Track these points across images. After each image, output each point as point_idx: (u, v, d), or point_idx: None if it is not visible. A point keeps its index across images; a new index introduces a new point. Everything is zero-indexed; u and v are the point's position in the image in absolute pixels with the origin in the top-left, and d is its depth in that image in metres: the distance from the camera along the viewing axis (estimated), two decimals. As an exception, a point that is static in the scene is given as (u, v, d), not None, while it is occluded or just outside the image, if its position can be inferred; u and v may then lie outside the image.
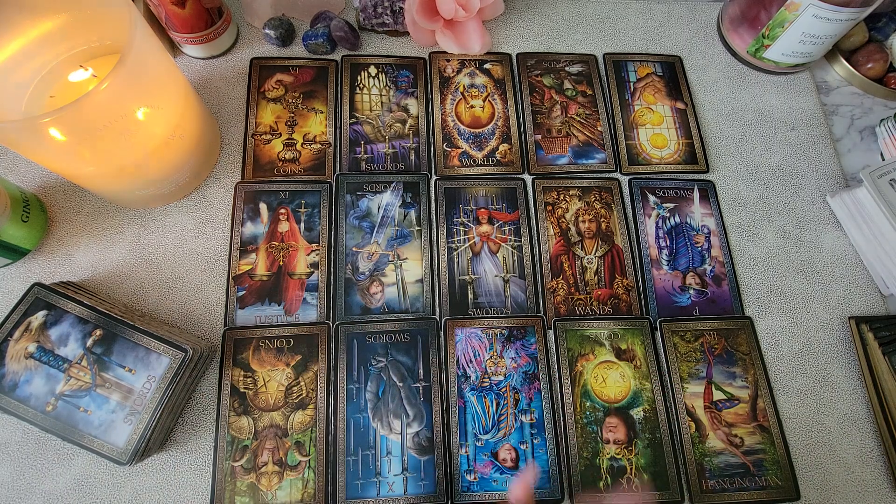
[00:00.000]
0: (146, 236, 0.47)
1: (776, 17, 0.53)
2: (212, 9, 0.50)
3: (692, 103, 0.57)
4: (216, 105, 0.52)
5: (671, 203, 0.52)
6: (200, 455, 0.41)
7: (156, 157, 0.42)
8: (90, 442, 0.37)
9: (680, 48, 0.60)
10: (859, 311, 0.50)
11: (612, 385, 0.45)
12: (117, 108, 0.36)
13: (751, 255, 0.51)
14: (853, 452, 0.45)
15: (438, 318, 0.47)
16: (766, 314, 0.49)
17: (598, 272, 0.49)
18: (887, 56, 0.58)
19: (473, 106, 0.55)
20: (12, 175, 0.48)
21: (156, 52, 0.39)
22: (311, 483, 0.41)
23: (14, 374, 0.37)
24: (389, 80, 0.55)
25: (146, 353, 0.38)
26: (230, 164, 0.50)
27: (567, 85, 0.56)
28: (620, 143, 0.55)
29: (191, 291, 0.46)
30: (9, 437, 0.41)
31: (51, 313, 0.39)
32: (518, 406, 0.44)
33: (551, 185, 0.52)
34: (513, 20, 0.60)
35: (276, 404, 0.43)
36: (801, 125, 0.57)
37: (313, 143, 0.51)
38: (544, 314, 0.47)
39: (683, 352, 0.47)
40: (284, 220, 0.48)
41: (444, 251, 0.49)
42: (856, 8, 0.49)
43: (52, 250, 0.46)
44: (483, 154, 0.53)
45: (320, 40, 0.53)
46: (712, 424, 0.45)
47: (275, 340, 0.44)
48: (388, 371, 0.44)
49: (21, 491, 0.40)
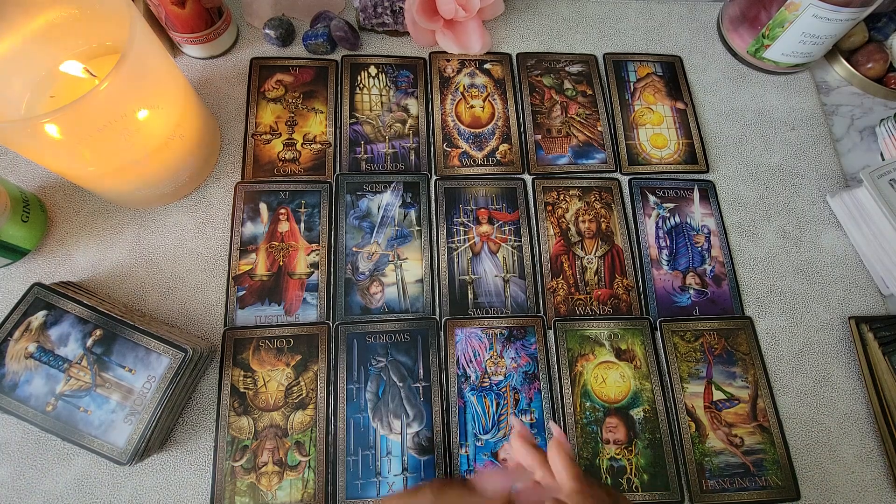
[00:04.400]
0: (146, 236, 0.47)
1: (776, 17, 0.53)
2: (212, 9, 0.50)
3: (692, 103, 0.57)
4: (216, 105, 0.52)
5: (671, 203, 0.52)
6: (200, 455, 0.41)
7: (156, 157, 0.42)
8: (90, 442, 0.37)
9: (680, 48, 0.60)
10: (859, 311, 0.50)
11: (612, 385, 0.45)
12: (117, 108, 0.36)
13: (751, 255, 0.51)
14: (853, 452, 0.45)
15: (438, 318, 0.47)
16: (766, 314, 0.49)
17: (598, 272, 0.49)
18: (887, 56, 0.58)
19: (473, 106, 0.55)
20: (12, 175, 0.48)
21: (156, 52, 0.39)
22: (311, 483, 0.41)
23: (14, 374, 0.37)
24: (389, 80, 0.55)
25: (146, 353, 0.38)
26: (230, 164, 0.50)
27: (567, 85, 0.56)
28: (620, 143, 0.55)
29: (191, 291, 0.46)
30: (9, 437, 0.41)
31: (51, 313, 0.39)
32: (518, 406, 0.44)
33: (551, 185, 0.52)
34: (513, 20, 0.60)
35: (276, 404, 0.43)
36: (801, 125, 0.57)
37: (313, 143, 0.51)
38: (544, 314, 0.47)
39: (683, 352, 0.47)
40: (284, 220, 0.48)
41: (444, 251, 0.49)
42: (856, 8, 0.49)
43: (52, 250, 0.46)
44: (483, 154, 0.53)
45: (320, 40, 0.53)
46: (712, 424, 0.45)
47: (275, 340, 0.44)
48: (388, 371, 0.44)
49: (21, 491, 0.40)
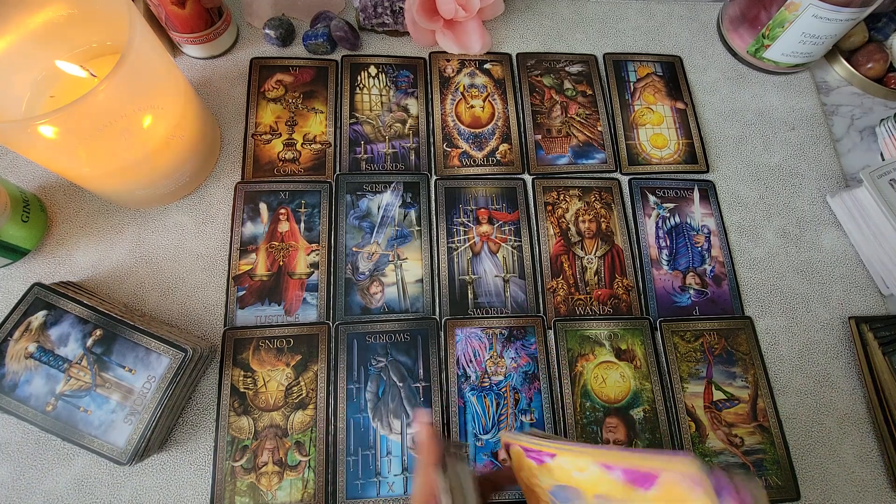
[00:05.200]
0: (146, 236, 0.47)
1: (776, 17, 0.53)
2: (212, 9, 0.50)
3: (692, 103, 0.57)
4: (216, 105, 0.52)
5: (671, 203, 0.52)
6: (200, 455, 0.41)
7: (156, 158, 0.42)
8: (90, 442, 0.37)
9: (680, 48, 0.60)
10: (859, 311, 0.50)
11: (612, 385, 0.45)
12: (117, 108, 0.36)
13: (751, 255, 0.51)
14: (853, 452, 0.45)
15: (438, 318, 0.47)
16: (766, 314, 0.49)
17: (598, 272, 0.49)
18: (887, 56, 0.58)
19: (473, 106, 0.55)
20: (12, 175, 0.48)
21: (156, 52, 0.39)
22: (311, 483, 0.41)
23: (14, 374, 0.37)
24: (389, 80, 0.55)
25: (146, 353, 0.38)
26: (230, 164, 0.50)
27: (567, 85, 0.56)
28: (620, 143, 0.55)
29: (191, 291, 0.46)
30: (9, 437, 0.41)
31: (51, 313, 0.39)
32: (518, 406, 0.44)
33: (551, 185, 0.52)
34: (513, 20, 0.60)
35: (276, 404, 0.43)
36: (801, 125, 0.57)
37: (313, 143, 0.51)
38: (544, 314, 0.47)
39: (683, 352, 0.47)
40: (284, 220, 0.48)
41: (444, 251, 0.49)
42: (856, 8, 0.49)
43: (52, 250, 0.46)
44: (483, 154, 0.53)
45: (320, 40, 0.53)
46: (712, 424, 0.45)
47: (275, 340, 0.44)
48: (388, 371, 0.44)
49: (21, 491, 0.40)
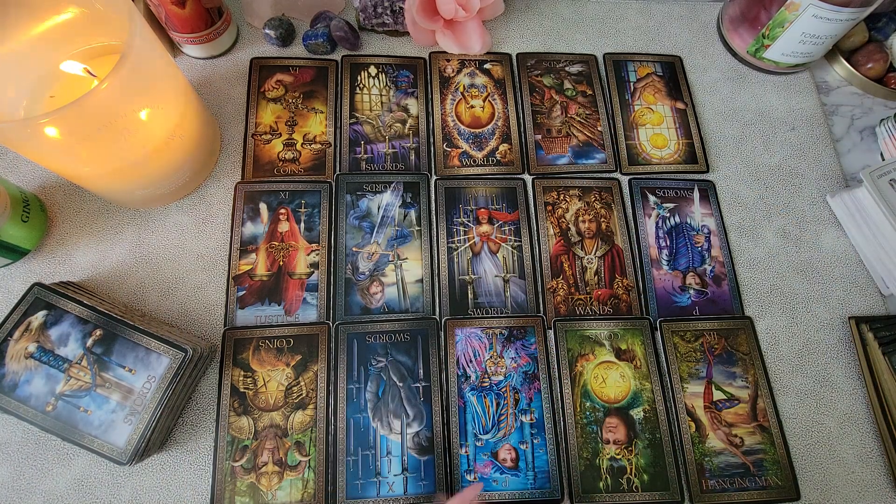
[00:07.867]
0: (146, 236, 0.47)
1: (776, 17, 0.53)
2: (212, 9, 0.50)
3: (692, 103, 0.57)
4: (216, 105, 0.52)
5: (671, 203, 0.52)
6: (200, 455, 0.41)
7: (156, 157, 0.42)
8: (90, 442, 0.37)
9: (680, 48, 0.60)
10: (859, 311, 0.50)
11: (612, 385, 0.45)
12: (117, 107, 0.36)
13: (751, 255, 0.51)
14: (853, 452, 0.45)
15: (438, 318, 0.47)
16: (766, 314, 0.49)
17: (598, 272, 0.49)
18: (887, 56, 0.58)
19: (473, 106, 0.55)
20: (12, 175, 0.48)
21: (156, 52, 0.39)
22: (311, 483, 0.41)
23: (14, 374, 0.37)
24: (389, 80, 0.55)
25: (146, 353, 0.38)
26: (230, 164, 0.50)
27: (567, 85, 0.56)
28: (620, 143, 0.55)
29: (191, 291, 0.46)
30: (9, 437, 0.41)
31: (51, 313, 0.39)
32: (518, 406, 0.44)
33: (551, 185, 0.52)
34: (513, 20, 0.60)
35: (276, 404, 0.43)
36: (801, 125, 0.57)
37: (313, 143, 0.51)
38: (544, 314, 0.47)
39: (683, 352, 0.47)
40: (284, 220, 0.48)
41: (444, 251, 0.49)
42: (856, 8, 0.49)
43: (52, 250, 0.46)
44: (483, 154, 0.53)
45: (320, 40, 0.53)
46: (712, 424, 0.45)
47: (275, 340, 0.44)
48: (388, 371, 0.44)
49: (21, 491, 0.40)
